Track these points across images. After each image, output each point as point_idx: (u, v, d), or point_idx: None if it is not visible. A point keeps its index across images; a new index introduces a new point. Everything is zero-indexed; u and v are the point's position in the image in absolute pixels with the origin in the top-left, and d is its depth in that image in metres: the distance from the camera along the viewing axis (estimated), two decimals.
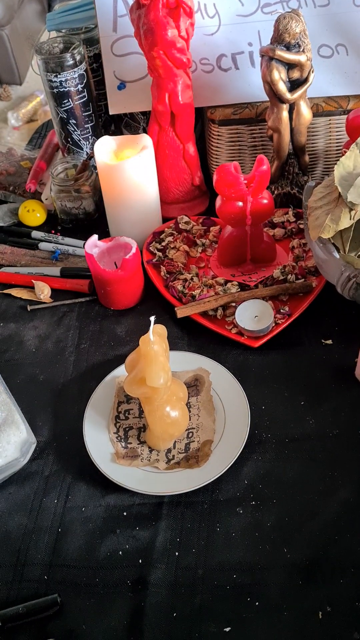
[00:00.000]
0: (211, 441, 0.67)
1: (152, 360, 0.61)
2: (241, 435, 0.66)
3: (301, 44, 0.83)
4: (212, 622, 0.55)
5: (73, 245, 0.97)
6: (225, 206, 0.81)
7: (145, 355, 0.61)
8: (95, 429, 0.69)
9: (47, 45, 0.96)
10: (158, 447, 0.67)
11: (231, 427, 0.68)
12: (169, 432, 0.66)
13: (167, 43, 0.84)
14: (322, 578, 0.57)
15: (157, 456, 0.67)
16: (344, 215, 0.71)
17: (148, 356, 0.61)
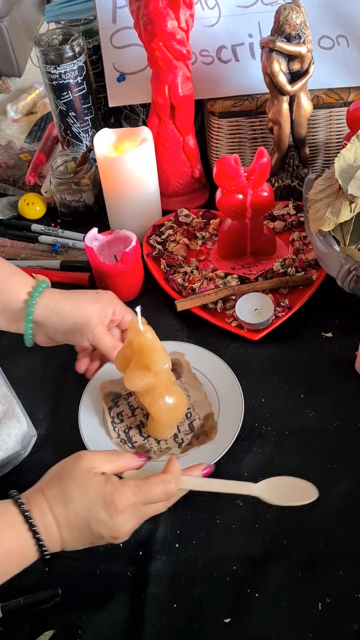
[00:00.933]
0: (212, 413, 0.68)
1: (152, 347, 0.61)
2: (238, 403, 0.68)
3: (302, 35, 0.82)
4: (212, 613, 0.55)
5: (73, 238, 0.97)
6: (225, 199, 0.81)
7: (142, 345, 0.61)
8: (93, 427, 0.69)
9: (46, 37, 0.96)
10: (165, 435, 0.67)
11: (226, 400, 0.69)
12: (173, 417, 0.66)
13: (167, 34, 0.84)
14: (322, 570, 0.57)
15: (167, 444, 0.67)
16: (344, 208, 0.71)
17: (146, 345, 0.61)
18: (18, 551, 0.50)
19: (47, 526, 0.51)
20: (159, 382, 0.63)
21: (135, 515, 0.53)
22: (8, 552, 0.49)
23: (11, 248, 0.97)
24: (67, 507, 0.51)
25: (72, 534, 0.52)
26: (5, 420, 0.65)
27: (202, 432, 0.67)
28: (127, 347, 0.63)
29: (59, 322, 0.68)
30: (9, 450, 0.65)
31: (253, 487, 0.58)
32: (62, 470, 0.54)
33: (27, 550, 0.50)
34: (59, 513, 0.51)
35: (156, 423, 0.66)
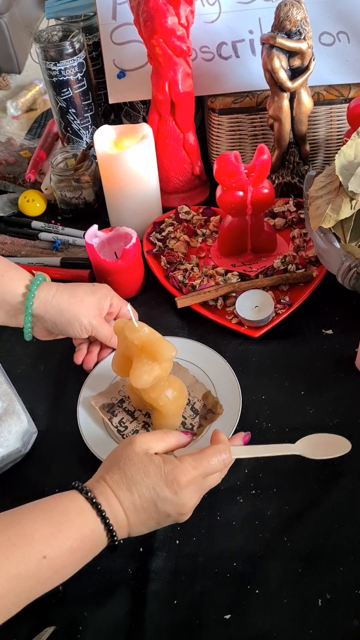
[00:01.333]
0: (208, 391, 0.70)
1: (154, 339, 0.62)
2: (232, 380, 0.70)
3: (302, 32, 0.82)
4: (213, 610, 0.56)
5: (73, 235, 0.97)
6: (226, 196, 0.81)
7: (144, 340, 0.61)
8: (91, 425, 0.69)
9: (46, 34, 0.96)
10: (174, 426, 0.68)
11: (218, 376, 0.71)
12: (180, 404, 0.67)
13: (167, 31, 0.84)
14: (322, 566, 0.57)
15: None
16: (345, 204, 0.71)
17: (147, 338, 0.61)
18: (90, 537, 0.51)
19: (114, 511, 0.52)
20: (165, 373, 0.63)
21: (198, 489, 0.55)
22: (81, 538, 0.50)
23: (11, 245, 0.97)
24: (132, 491, 0.52)
25: (139, 516, 0.53)
26: (6, 417, 0.65)
27: (207, 412, 0.69)
28: (124, 348, 0.63)
29: (57, 315, 0.69)
30: (9, 447, 0.65)
31: (293, 447, 0.61)
32: (119, 457, 0.54)
33: (98, 535, 0.51)
34: (124, 497, 0.52)
35: (164, 415, 0.67)
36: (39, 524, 0.49)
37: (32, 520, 0.49)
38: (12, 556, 0.46)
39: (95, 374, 0.74)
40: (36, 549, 0.47)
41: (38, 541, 0.48)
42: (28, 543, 0.47)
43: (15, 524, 0.49)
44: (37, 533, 0.48)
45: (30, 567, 0.47)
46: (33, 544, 0.48)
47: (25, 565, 0.47)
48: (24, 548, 0.47)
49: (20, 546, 0.47)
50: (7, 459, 0.66)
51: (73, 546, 0.49)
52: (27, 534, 0.48)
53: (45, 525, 0.49)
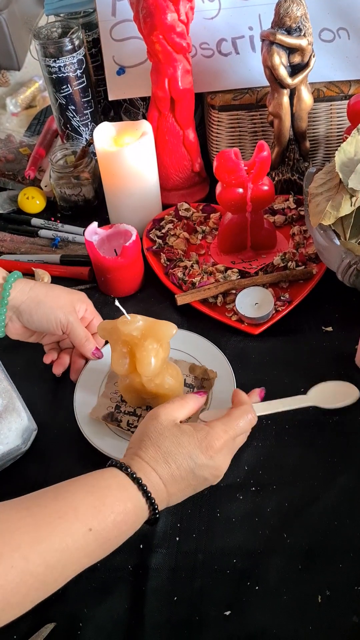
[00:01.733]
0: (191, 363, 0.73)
1: (151, 322, 0.63)
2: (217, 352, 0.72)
3: (302, 28, 0.82)
4: (212, 606, 0.56)
5: (73, 232, 0.97)
6: (226, 193, 0.81)
7: (141, 328, 0.62)
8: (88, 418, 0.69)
9: (46, 30, 0.95)
10: None
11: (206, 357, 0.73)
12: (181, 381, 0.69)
13: (167, 27, 0.83)
14: (322, 563, 0.58)
15: None
16: (345, 201, 0.71)
17: (144, 325, 0.62)
18: (133, 511, 0.52)
19: (154, 485, 0.53)
20: (167, 354, 0.64)
21: (229, 451, 0.58)
22: (125, 512, 0.51)
23: (11, 242, 0.97)
24: (169, 463, 0.54)
25: (177, 486, 0.54)
26: (6, 414, 0.65)
27: (201, 381, 0.71)
28: (122, 346, 0.63)
29: (33, 306, 0.70)
30: (9, 444, 0.66)
31: (306, 399, 0.65)
32: (148, 432, 0.56)
33: (140, 509, 0.52)
34: (162, 470, 0.54)
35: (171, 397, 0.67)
36: (82, 498, 0.50)
37: (75, 494, 0.50)
38: (59, 528, 0.47)
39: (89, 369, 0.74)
40: (82, 522, 0.48)
41: (83, 514, 0.49)
42: (73, 516, 0.48)
43: (60, 498, 0.50)
44: (81, 506, 0.49)
45: (77, 539, 0.48)
46: (78, 516, 0.48)
47: (71, 537, 0.47)
48: (69, 520, 0.48)
49: (66, 519, 0.48)
50: (7, 456, 0.66)
51: (117, 519, 0.50)
52: (72, 507, 0.49)
53: (89, 498, 0.50)
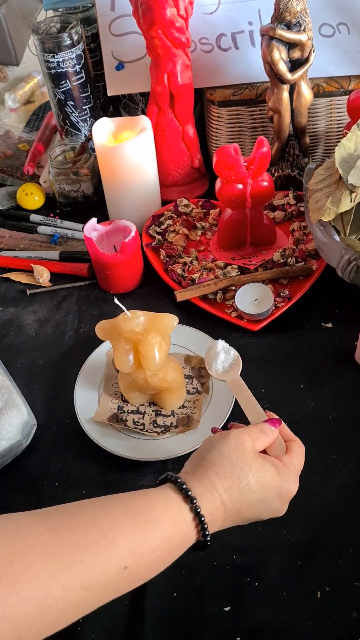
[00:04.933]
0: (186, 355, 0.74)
1: (152, 315, 0.63)
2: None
3: (302, 23, 0.81)
4: (212, 602, 0.56)
5: (72, 228, 0.97)
6: (225, 189, 0.80)
7: (144, 323, 0.62)
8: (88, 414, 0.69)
9: (44, 25, 0.95)
10: (183, 396, 0.70)
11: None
12: (182, 372, 0.69)
13: (166, 22, 0.83)
14: (321, 559, 0.58)
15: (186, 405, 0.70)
16: (345, 197, 0.70)
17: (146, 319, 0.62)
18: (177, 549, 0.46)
19: (214, 520, 0.47)
20: (168, 346, 0.64)
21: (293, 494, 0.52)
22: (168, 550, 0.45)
23: (10, 239, 0.96)
24: (242, 500, 0.48)
25: (233, 520, 0.49)
26: (6, 410, 0.66)
27: (199, 370, 0.72)
28: (124, 343, 0.63)
29: None
30: (11, 440, 0.66)
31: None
32: (230, 459, 0.49)
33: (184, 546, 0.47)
34: (231, 506, 0.48)
35: (174, 390, 0.68)
36: (123, 530, 0.43)
37: (116, 523, 0.43)
38: (89, 561, 0.40)
39: (88, 365, 0.74)
40: (118, 558, 0.42)
41: (121, 549, 0.42)
42: (109, 550, 0.41)
43: (97, 525, 0.42)
44: (120, 541, 0.42)
45: (108, 577, 0.41)
46: (115, 552, 0.42)
47: (103, 574, 0.41)
48: (102, 555, 0.41)
49: (100, 551, 0.41)
50: (9, 451, 0.66)
51: (159, 558, 0.44)
52: (109, 539, 0.42)
53: (131, 533, 0.43)
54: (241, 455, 0.49)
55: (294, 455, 0.53)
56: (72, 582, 0.39)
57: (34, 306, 0.86)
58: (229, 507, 0.48)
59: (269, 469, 0.50)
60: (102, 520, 0.43)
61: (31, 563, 0.39)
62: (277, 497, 0.50)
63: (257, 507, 0.49)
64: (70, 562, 0.40)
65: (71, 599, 0.39)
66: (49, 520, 0.42)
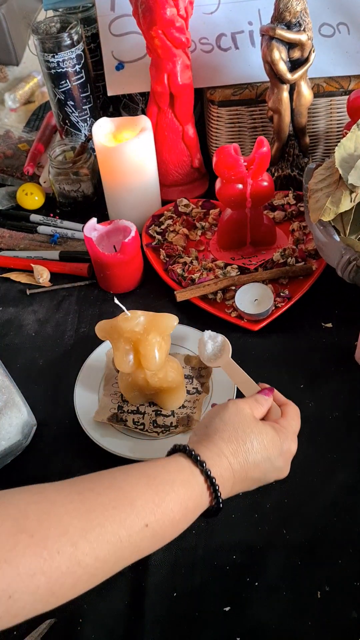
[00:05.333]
0: (186, 355, 0.74)
1: (152, 316, 0.63)
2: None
3: (302, 23, 0.81)
4: (212, 602, 0.56)
5: (72, 228, 0.97)
6: (225, 189, 0.80)
7: (144, 323, 0.62)
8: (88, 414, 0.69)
9: (44, 25, 0.95)
10: (183, 396, 0.70)
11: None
12: (182, 372, 0.69)
13: (166, 22, 0.83)
14: (321, 558, 0.58)
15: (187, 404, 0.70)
16: (345, 197, 0.70)
17: (146, 319, 0.62)
18: (193, 510, 0.49)
19: (225, 482, 0.50)
20: (168, 346, 0.64)
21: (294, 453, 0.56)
22: (185, 510, 0.47)
23: (9, 238, 0.96)
24: (248, 460, 0.51)
25: (243, 484, 0.52)
26: (6, 410, 0.66)
27: (199, 370, 0.72)
28: (124, 343, 0.63)
29: None
30: (11, 440, 0.66)
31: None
32: (233, 424, 0.53)
33: (200, 507, 0.49)
34: (238, 467, 0.51)
35: (175, 390, 0.68)
36: (141, 492, 0.46)
37: (134, 485, 0.46)
38: (112, 519, 0.43)
39: (88, 365, 0.74)
40: (139, 516, 0.44)
41: (141, 508, 0.45)
42: (130, 508, 0.44)
43: (116, 487, 0.46)
44: (139, 500, 0.45)
45: (132, 534, 0.44)
46: (135, 510, 0.45)
47: (126, 531, 0.44)
48: (125, 512, 0.44)
49: (122, 510, 0.44)
50: (9, 451, 0.66)
51: (175, 518, 0.47)
52: (129, 500, 0.45)
53: (149, 493, 0.46)
54: (242, 420, 0.53)
55: (289, 417, 0.57)
56: (99, 538, 0.42)
57: (34, 306, 0.86)
58: (236, 469, 0.51)
59: (268, 431, 0.54)
60: (121, 484, 0.46)
61: (59, 520, 0.41)
62: (279, 456, 0.53)
63: (262, 466, 0.52)
64: (95, 519, 0.43)
65: (99, 554, 0.42)
66: (73, 486, 0.45)
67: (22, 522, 0.41)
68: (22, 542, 0.40)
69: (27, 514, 0.41)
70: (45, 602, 0.41)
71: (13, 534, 0.40)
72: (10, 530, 0.40)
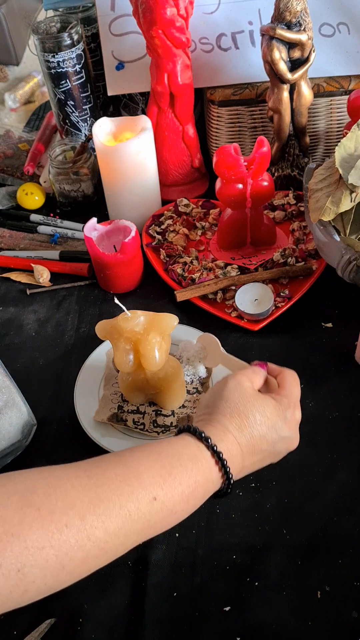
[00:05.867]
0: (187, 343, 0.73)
1: (152, 315, 0.63)
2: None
3: (302, 23, 0.81)
4: (212, 602, 0.56)
5: (72, 228, 0.97)
6: (225, 188, 0.80)
7: (144, 322, 0.62)
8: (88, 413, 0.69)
9: (44, 25, 0.95)
10: (184, 394, 0.70)
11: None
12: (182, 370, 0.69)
13: (166, 22, 0.83)
14: (321, 558, 0.58)
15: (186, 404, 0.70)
16: (345, 197, 0.70)
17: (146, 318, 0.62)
18: (203, 484, 0.48)
19: (233, 457, 0.50)
20: (168, 346, 0.64)
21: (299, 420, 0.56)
22: (194, 484, 0.47)
23: (10, 238, 0.96)
24: (253, 433, 0.51)
25: (253, 458, 0.52)
26: (6, 409, 0.66)
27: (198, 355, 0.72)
28: (124, 343, 0.63)
29: None
30: (11, 439, 0.66)
31: None
32: (233, 399, 0.53)
33: (212, 482, 0.49)
34: (244, 441, 0.51)
35: (175, 390, 0.67)
36: (148, 466, 0.46)
37: (140, 460, 0.46)
38: (120, 492, 0.43)
39: (88, 365, 0.74)
40: (146, 489, 0.44)
41: (148, 481, 0.45)
42: (137, 482, 0.44)
43: (121, 463, 0.46)
44: (146, 473, 0.45)
45: (140, 507, 0.44)
46: (143, 483, 0.44)
47: (134, 504, 0.43)
48: (132, 485, 0.44)
49: (129, 483, 0.44)
50: (9, 450, 0.66)
51: (185, 492, 0.46)
52: (135, 473, 0.45)
53: (155, 466, 0.46)
54: (242, 394, 0.53)
55: (288, 385, 0.56)
56: (107, 512, 0.42)
57: (34, 306, 0.86)
58: (243, 443, 0.51)
59: (269, 402, 0.53)
60: (128, 459, 0.46)
61: (66, 494, 0.41)
62: (284, 425, 0.53)
63: (269, 437, 0.52)
64: (103, 493, 0.43)
65: (108, 527, 0.42)
66: (79, 466, 0.45)
67: (29, 497, 0.41)
68: (29, 515, 0.40)
69: (34, 489, 0.41)
70: (56, 576, 0.40)
71: (20, 507, 0.40)
72: (17, 504, 0.40)
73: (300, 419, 0.56)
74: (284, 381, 0.57)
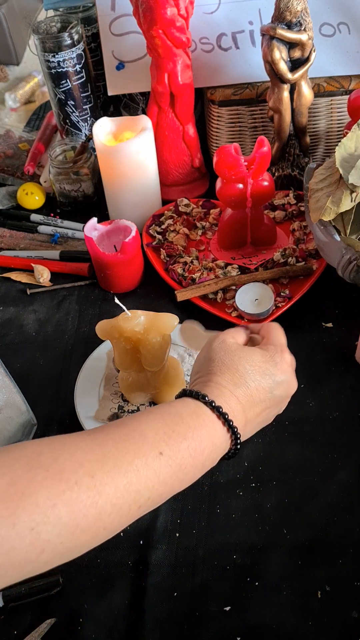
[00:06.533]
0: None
1: (153, 315, 0.62)
2: None
3: (302, 23, 0.81)
4: (213, 602, 0.56)
5: (72, 228, 0.97)
6: (226, 188, 0.80)
7: (144, 323, 0.62)
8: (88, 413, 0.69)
9: (45, 25, 0.95)
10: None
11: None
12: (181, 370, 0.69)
13: (167, 22, 0.83)
14: (321, 558, 0.58)
15: None
16: (345, 197, 0.70)
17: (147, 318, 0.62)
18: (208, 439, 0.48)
19: (234, 411, 0.50)
20: (169, 345, 0.64)
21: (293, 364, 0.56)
22: (199, 438, 0.47)
23: (10, 238, 0.96)
24: (248, 384, 0.51)
25: (255, 409, 0.51)
26: (7, 409, 0.66)
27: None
28: (124, 343, 0.63)
29: None
30: (11, 439, 0.66)
31: None
32: (219, 357, 0.53)
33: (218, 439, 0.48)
34: (241, 393, 0.51)
35: (175, 390, 0.68)
36: (150, 424, 0.46)
37: (141, 421, 0.46)
38: (126, 450, 0.43)
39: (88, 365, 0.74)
40: (151, 445, 0.44)
41: (152, 438, 0.45)
42: (142, 439, 0.44)
43: (123, 425, 0.46)
44: (149, 431, 0.45)
45: (147, 462, 0.44)
46: (147, 440, 0.44)
47: (141, 459, 0.43)
48: (137, 443, 0.44)
49: (133, 441, 0.44)
50: None
51: (191, 446, 0.46)
52: (139, 432, 0.45)
53: (158, 424, 0.46)
54: (227, 350, 0.53)
55: (271, 335, 0.57)
56: (115, 469, 0.42)
57: (34, 306, 0.86)
58: (240, 395, 0.51)
59: (255, 351, 0.54)
60: (131, 422, 0.46)
61: (73, 455, 0.42)
62: (276, 369, 0.53)
63: (264, 385, 0.52)
64: (109, 452, 0.43)
65: (118, 484, 0.42)
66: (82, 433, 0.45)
67: (37, 459, 0.41)
68: (38, 475, 0.40)
69: (40, 452, 0.42)
70: (71, 534, 0.40)
71: (28, 469, 0.40)
72: (25, 467, 0.40)
73: (292, 361, 0.55)
74: (268, 332, 0.57)
